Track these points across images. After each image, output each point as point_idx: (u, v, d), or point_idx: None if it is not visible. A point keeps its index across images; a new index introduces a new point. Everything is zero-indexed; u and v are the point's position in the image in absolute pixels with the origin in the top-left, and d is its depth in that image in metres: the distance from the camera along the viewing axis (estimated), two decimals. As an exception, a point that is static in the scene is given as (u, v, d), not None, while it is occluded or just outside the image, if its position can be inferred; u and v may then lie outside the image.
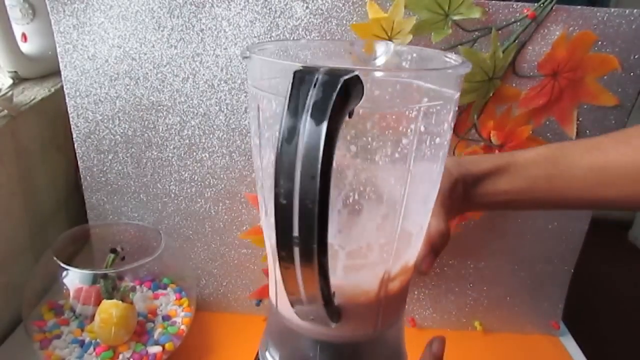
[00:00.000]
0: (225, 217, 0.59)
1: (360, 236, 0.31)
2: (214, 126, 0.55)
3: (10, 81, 0.62)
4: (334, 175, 0.24)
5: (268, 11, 0.50)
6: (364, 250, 0.32)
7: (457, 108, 0.32)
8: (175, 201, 0.59)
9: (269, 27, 0.51)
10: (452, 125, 0.32)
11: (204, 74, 0.53)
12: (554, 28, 0.50)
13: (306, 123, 0.23)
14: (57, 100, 0.62)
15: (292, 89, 0.24)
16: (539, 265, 0.62)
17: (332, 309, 0.31)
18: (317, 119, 0.23)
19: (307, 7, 0.50)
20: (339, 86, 0.23)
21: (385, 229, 0.32)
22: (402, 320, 0.36)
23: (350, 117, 0.25)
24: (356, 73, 0.24)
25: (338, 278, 0.32)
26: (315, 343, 0.34)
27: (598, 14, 0.49)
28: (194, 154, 0.56)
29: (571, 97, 0.53)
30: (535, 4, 0.49)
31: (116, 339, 0.50)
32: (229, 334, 0.60)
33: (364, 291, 0.33)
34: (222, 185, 0.58)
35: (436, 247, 0.36)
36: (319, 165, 0.23)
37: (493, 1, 0.49)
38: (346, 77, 0.24)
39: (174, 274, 0.60)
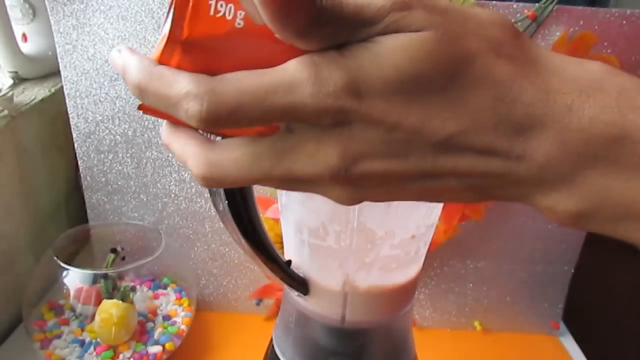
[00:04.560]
0: (225, 217, 0.59)
1: (379, 227, 0.32)
2: (214, 126, 0.55)
3: (11, 81, 0.62)
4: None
5: (268, 11, 0.50)
6: (378, 244, 0.32)
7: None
8: (175, 201, 0.59)
9: (268, 28, 0.51)
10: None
11: (204, 74, 0.53)
12: (555, 28, 0.50)
13: None
14: (57, 101, 0.62)
15: None
16: (539, 265, 0.62)
17: (288, 276, 0.33)
18: None
19: (307, 8, 0.50)
20: None
21: (398, 224, 0.32)
22: (410, 309, 0.37)
23: None
24: None
25: (352, 269, 0.33)
26: (325, 329, 0.35)
27: (599, 14, 0.49)
28: (194, 154, 0.56)
29: (571, 97, 0.53)
30: (536, 5, 0.49)
31: (116, 339, 0.50)
32: (229, 333, 0.60)
33: (374, 282, 0.34)
34: (222, 186, 0.58)
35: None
36: None
37: (493, 1, 0.49)
38: None
39: (174, 274, 0.60)
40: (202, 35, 0.20)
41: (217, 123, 0.20)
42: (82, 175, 0.59)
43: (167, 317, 0.55)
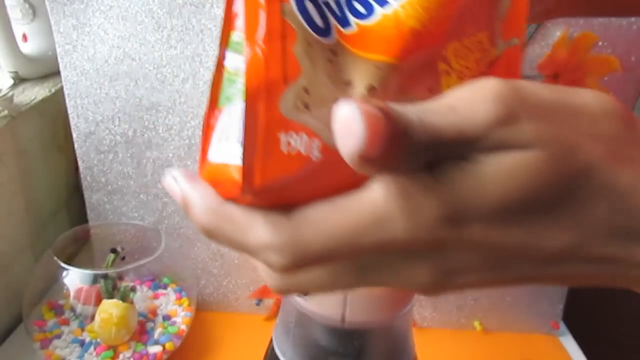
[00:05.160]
0: (225, 217, 0.59)
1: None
2: (214, 126, 0.55)
3: (11, 81, 0.62)
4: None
5: (268, 12, 0.50)
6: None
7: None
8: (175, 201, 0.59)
9: (269, 28, 0.51)
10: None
11: (203, 75, 0.53)
12: (555, 28, 0.50)
13: None
14: (57, 101, 0.62)
15: None
16: (539, 266, 0.62)
17: None
18: None
19: (307, 8, 0.50)
20: None
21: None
22: (410, 310, 0.37)
23: None
24: None
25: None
26: (325, 329, 0.35)
27: (598, 14, 0.49)
28: (194, 154, 0.56)
29: (571, 97, 0.53)
30: (536, 5, 0.49)
31: (116, 339, 0.50)
32: (229, 334, 0.60)
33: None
34: (222, 186, 0.58)
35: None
36: None
37: (493, 2, 0.49)
38: None
39: (174, 274, 0.60)
40: (276, 179, 0.17)
41: (300, 270, 0.18)
42: (82, 175, 0.59)
43: (167, 317, 0.55)
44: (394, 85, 0.19)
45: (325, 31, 0.18)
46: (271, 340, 0.39)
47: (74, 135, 0.57)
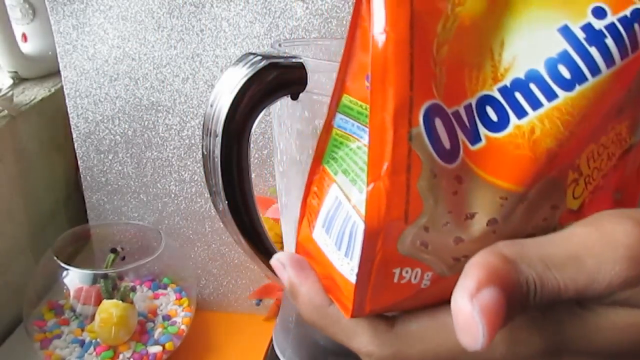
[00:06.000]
0: (225, 217, 0.59)
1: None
2: (214, 126, 0.55)
3: (11, 81, 0.62)
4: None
5: (268, 12, 0.50)
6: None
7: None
8: (175, 201, 0.59)
9: (268, 28, 0.51)
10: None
11: (203, 75, 0.53)
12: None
13: (223, 92, 0.27)
14: (57, 101, 0.62)
15: (231, 65, 0.27)
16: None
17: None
18: (229, 88, 0.26)
19: (307, 8, 0.50)
20: (260, 65, 0.26)
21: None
22: None
23: (293, 98, 0.28)
24: (295, 61, 0.27)
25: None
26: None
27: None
28: (194, 154, 0.56)
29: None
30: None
31: (116, 339, 0.50)
32: (229, 334, 0.60)
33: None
34: (222, 186, 0.58)
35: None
36: (222, 126, 0.26)
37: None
38: (274, 60, 0.27)
39: (174, 274, 0.60)
40: (385, 305, 0.18)
41: None
42: (82, 175, 0.59)
43: (167, 317, 0.55)
44: (517, 216, 0.18)
45: (452, 155, 0.17)
46: (271, 340, 0.39)
47: (74, 135, 0.57)
